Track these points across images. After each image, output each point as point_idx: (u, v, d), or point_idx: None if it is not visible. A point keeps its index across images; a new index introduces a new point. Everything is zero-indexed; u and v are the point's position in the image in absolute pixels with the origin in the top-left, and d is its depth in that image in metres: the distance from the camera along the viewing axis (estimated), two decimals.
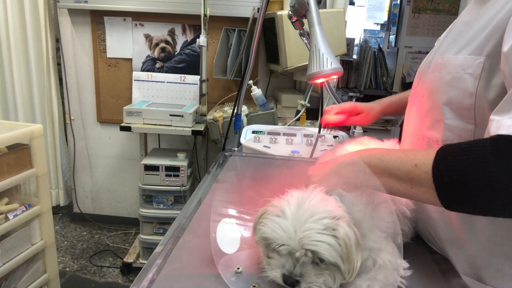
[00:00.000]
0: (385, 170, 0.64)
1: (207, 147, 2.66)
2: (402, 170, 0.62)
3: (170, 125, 2.18)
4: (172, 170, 2.17)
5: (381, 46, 3.53)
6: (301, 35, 1.20)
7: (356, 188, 0.71)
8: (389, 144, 0.94)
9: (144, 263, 0.85)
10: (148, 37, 2.55)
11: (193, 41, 2.53)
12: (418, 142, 0.80)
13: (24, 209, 1.65)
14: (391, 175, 0.64)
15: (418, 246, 0.84)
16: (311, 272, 0.62)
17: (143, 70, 2.60)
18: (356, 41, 3.73)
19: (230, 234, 0.80)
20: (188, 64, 2.57)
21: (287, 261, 0.63)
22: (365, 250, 0.65)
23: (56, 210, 2.99)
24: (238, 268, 0.71)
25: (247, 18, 2.29)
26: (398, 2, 3.62)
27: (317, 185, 0.69)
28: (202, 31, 2.19)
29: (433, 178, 0.57)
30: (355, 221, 0.65)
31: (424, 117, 0.77)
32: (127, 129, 2.16)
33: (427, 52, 0.89)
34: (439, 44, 0.82)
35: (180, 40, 2.55)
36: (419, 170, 0.59)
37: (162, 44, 2.55)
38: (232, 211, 0.86)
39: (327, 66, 0.90)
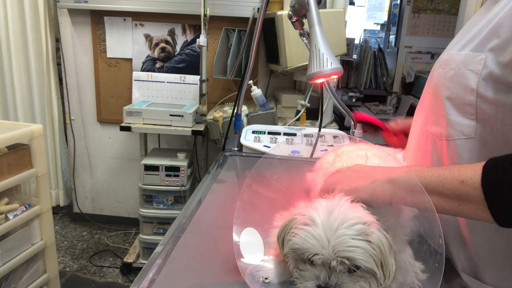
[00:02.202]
0: (427, 188, 0.62)
1: (207, 147, 2.66)
2: (448, 187, 0.60)
3: (170, 125, 2.18)
4: (172, 170, 2.17)
5: (381, 46, 3.53)
6: (301, 35, 1.20)
7: (388, 204, 0.69)
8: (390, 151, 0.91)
9: (144, 263, 0.85)
10: (148, 37, 2.55)
11: (193, 41, 2.53)
12: (423, 139, 0.80)
13: (24, 209, 1.65)
14: (435, 193, 0.61)
15: None
16: (347, 281, 0.60)
17: (143, 70, 2.60)
18: (356, 41, 3.73)
19: (255, 243, 0.78)
20: (188, 64, 2.57)
21: (321, 271, 0.61)
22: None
23: (56, 210, 2.99)
24: (266, 279, 0.70)
25: (247, 18, 2.29)
26: (398, 2, 3.62)
27: (344, 194, 0.67)
28: (202, 31, 2.19)
29: (485, 195, 0.55)
30: (384, 226, 0.64)
31: (429, 113, 0.77)
32: (127, 129, 2.16)
33: (427, 52, 0.88)
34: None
35: (180, 40, 2.55)
36: (467, 186, 0.57)
37: (162, 44, 2.55)
38: (254, 219, 0.83)
39: (327, 66, 0.90)
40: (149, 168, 2.16)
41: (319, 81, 0.95)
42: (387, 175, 0.67)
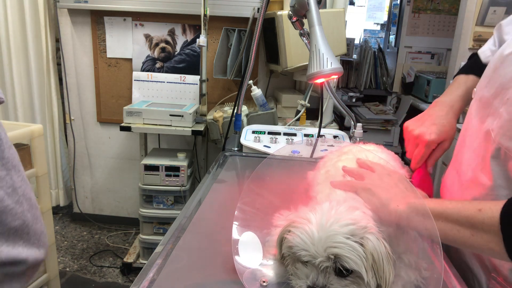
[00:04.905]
0: (443, 214, 0.59)
1: (207, 147, 2.66)
2: (463, 215, 0.57)
3: (170, 125, 2.18)
4: (172, 170, 2.16)
5: (381, 46, 3.53)
6: (301, 35, 1.20)
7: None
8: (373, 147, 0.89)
9: (144, 263, 0.85)
10: (148, 37, 2.55)
11: (193, 41, 2.53)
12: (491, 148, 0.68)
13: None
14: (449, 220, 0.58)
15: None
16: (335, 282, 0.59)
17: (143, 70, 2.60)
18: (356, 41, 3.73)
19: (254, 246, 0.78)
20: (188, 64, 2.57)
21: (311, 271, 0.61)
22: (395, 254, 0.64)
23: (56, 210, 2.99)
24: (264, 282, 0.70)
25: (247, 18, 2.29)
26: (398, 2, 3.62)
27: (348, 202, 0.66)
28: (202, 31, 2.19)
29: (501, 224, 0.52)
30: (387, 233, 0.63)
31: (506, 125, 0.65)
32: (127, 129, 2.16)
33: (427, 52, 0.82)
34: None
35: (180, 40, 2.55)
36: (483, 214, 0.54)
37: (162, 44, 2.55)
38: (254, 223, 0.82)
39: (327, 66, 0.90)
40: (149, 168, 2.16)
41: (319, 81, 0.95)
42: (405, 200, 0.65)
